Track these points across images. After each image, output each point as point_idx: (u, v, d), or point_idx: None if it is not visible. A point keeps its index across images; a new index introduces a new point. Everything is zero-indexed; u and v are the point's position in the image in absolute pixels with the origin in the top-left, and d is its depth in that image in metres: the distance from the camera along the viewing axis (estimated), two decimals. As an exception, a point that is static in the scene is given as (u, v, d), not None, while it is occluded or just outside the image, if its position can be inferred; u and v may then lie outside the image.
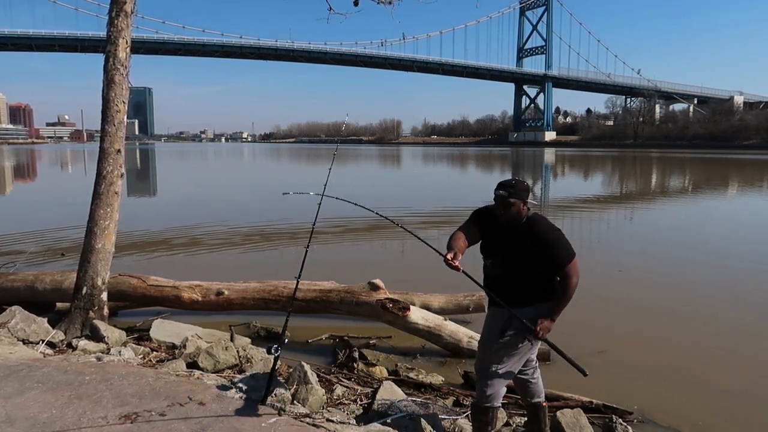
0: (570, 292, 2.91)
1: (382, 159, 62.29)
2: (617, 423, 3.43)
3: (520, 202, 2.95)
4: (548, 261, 2.88)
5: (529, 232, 2.92)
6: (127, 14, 5.10)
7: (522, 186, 3.00)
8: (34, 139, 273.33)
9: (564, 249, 2.90)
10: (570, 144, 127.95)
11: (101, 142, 5.18)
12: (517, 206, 2.95)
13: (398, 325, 5.11)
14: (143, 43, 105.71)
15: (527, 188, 3.02)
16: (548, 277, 2.95)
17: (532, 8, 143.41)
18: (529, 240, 2.90)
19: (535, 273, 2.93)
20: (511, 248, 2.94)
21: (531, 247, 2.89)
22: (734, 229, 12.95)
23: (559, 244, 2.90)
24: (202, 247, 10.26)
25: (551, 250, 2.87)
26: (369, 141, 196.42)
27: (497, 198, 2.97)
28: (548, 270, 2.92)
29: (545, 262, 2.89)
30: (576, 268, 2.90)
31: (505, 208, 2.95)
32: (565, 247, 2.90)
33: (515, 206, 2.94)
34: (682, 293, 7.19)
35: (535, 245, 2.88)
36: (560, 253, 2.88)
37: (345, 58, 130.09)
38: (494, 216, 3.03)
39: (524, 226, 2.95)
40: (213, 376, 3.87)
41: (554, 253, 2.88)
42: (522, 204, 2.96)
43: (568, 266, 2.88)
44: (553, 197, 21.63)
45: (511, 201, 2.93)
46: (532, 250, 2.88)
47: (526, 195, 2.99)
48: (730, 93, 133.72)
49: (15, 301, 5.35)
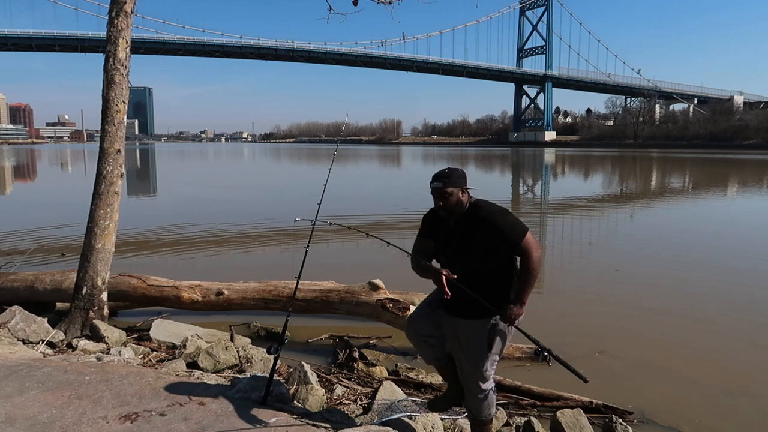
0: (534, 268, 2.73)
1: (381, 159, 62.28)
2: (617, 423, 3.43)
3: (458, 189, 2.80)
4: (501, 243, 2.71)
5: (474, 218, 2.79)
6: (127, 14, 5.10)
7: (457, 173, 2.83)
8: (34, 139, 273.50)
9: (514, 226, 2.74)
10: (570, 144, 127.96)
11: (101, 142, 5.18)
12: (455, 195, 2.80)
13: (398, 325, 5.11)
14: (143, 43, 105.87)
15: (463, 174, 2.85)
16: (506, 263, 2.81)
17: (532, 8, 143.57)
18: (476, 226, 2.76)
19: (491, 261, 2.77)
20: (460, 241, 2.80)
21: (480, 233, 2.74)
22: (733, 228, 12.95)
23: (507, 223, 2.74)
24: (203, 247, 10.26)
25: (501, 230, 2.71)
26: (369, 141, 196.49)
27: (433, 191, 2.83)
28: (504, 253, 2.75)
29: (498, 245, 2.72)
30: (533, 242, 2.73)
31: (443, 199, 2.80)
32: (514, 224, 2.75)
33: (453, 195, 2.80)
34: (682, 293, 7.19)
35: (483, 230, 2.73)
36: (511, 232, 2.71)
37: (345, 58, 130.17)
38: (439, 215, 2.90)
39: (468, 214, 2.82)
40: (213, 376, 3.88)
41: (504, 232, 2.71)
42: (460, 191, 2.82)
43: (524, 242, 2.70)
44: (553, 197, 21.63)
45: (448, 191, 2.78)
46: (482, 236, 2.73)
47: (463, 181, 2.83)
48: (730, 93, 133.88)
49: (15, 301, 5.35)
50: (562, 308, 6.44)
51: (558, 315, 6.17)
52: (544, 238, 12.16)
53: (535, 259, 2.72)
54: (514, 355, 4.86)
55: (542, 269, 8.97)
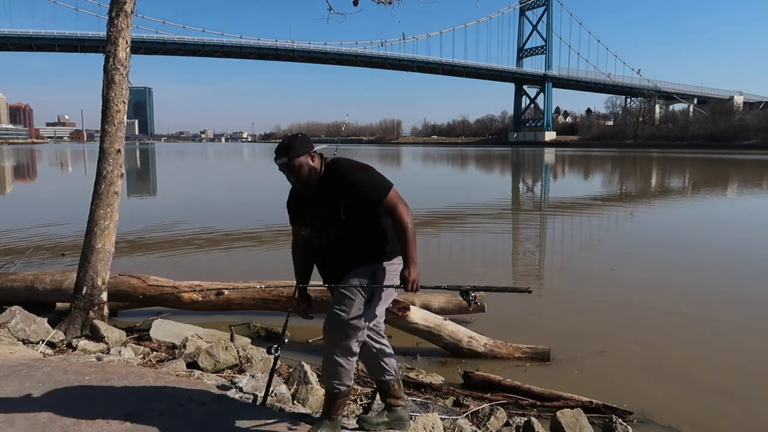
0: (406, 224, 2.56)
1: (381, 159, 62.30)
2: (617, 423, 3.43)
3: (306, 156, 2.58)
4: (364, 202, 2.55)
5: (333, 180, 2.58)
6: (127, 14, 5.10)
7: (298, 141, 2.59)
8: (34, 139, 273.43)
9: (377, 182, 2.57)
10: (570, 144, 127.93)
11: (101, 142, 5.18)
12: (305, 165, 2.57)
13: (398, 325, 5.11)
14: (143, 43, 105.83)
15: (305, 139, 2.62)
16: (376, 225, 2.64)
17: (532, 8, 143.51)
18: (337, 188, 2.57)
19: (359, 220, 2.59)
20: (323, 207, 2.61)
21: (342, 195, 2.56)
22: (733, 228, 12.95)
23: (369, 179, 2.57)
24: (202, 247, 10.26)
25: (363, 188, 2.53)
26: (369, 141, 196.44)
27: (280, 168, 2.59)
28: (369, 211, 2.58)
29: (362, 204, 2.55)
30: (398, 198, 2.57)
31: (294, 173, 2.58)
32: (377, 181, 2.58)
33: (303, 166, 2.57)
34: (683, 293, 7.19)
35: (344, 191, 2.55)
36: (374, 188, 2.55)
37: (345, 58, 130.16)
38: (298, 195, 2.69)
39: (326, 178, 2.61)
40: (213, 376, 3.88)
41: (366, 190, 2.53)
42: (309, 158, 2.59)
43: (388, 198, 2.54)
44: (553, 197, 21.63)
45: (296, 163, 2.55)
46: (344, 197, 2.55)
47: (308, 146, 2.60)
48: (730, 93, 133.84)
49: (15, 301, 5.35)
50: (562, 308, 6.44)
51: (558, 315, 6.18)
52: (544, 237, 12.17)
53: (405, 216, 2.56)
54: (514, 355, 4.86)
55: (541, 267, 8.96)
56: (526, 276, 8.59)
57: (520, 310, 6.25)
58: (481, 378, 4.24)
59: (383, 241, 2.67)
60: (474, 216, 15.01)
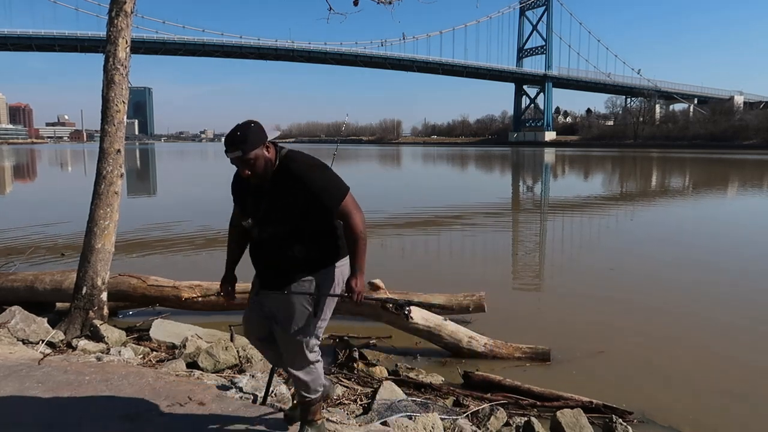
0: (359, 232, 2.43)
1: (381, 159, 62.28)
2: (617, 423, 3.43)
3: (262, 148, 2.35)
4: (317, 205, 2.40)
5: (287, 177, 2.41)
6: (127, 14, 5.10)
7: (252, 131, 2.34)
8: (34, 139, 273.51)
9: (333, 186, 2.42)
10: (570, 144, 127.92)
11: (101, 142, 5.18)
12: (260, 157, 2.35)
13: (398, 325, 5.11)
14: (143, 43, 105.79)
15: (259, 128, 2.36)
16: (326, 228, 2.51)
17: (532, 8, 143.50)
18: (290, 186, 2.40)
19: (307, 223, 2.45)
20: (271, 201, 2.42)
21: (293, 194, 2.39)
22: (732, 228, 12.95)
23: (325, 182, 2.41)
24: (202, 247, 10.26)
25: (316, 192, 2.38)
26: (369, 141, 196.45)
27: (233, 162, 2.36)
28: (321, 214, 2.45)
29: (314, 207, 2.41)
30: (354, 204, 2.45)
31: (249, 167, 2.35)
32: (333, 184, 2.43)
33: (259, 159, 2.35)
34: (682, 293, 7.19)
35: (296, 190, 2.38)
36: (329, 192, 2.40)
37: (345, 58, 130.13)
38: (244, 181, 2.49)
39: (280, 172, 2.42)
40: (213, 376, 3.88)
41: (322, 194, 2.38)
42: (264, 149, 2.37)
43: (343, 204, 2.41)
44: (554, 197, 21.63)
45: (251, 156, 2.32)
46: (296, 197, 2.39)
47: (263, 136, 2.36)
48: (730, 93, 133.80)
49: (15, 301, 5.34)
50: (561, 308, 6.44)
51: (558, 315, 6.18)
52: (544, 237, 12.16)
53: (360, 222, 2.44)
54: (514, 355, 4.86)
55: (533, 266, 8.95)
56: (527, 275, 8.59)
57: (520, 310, 6.25)
58: (481, 378, 4.24)
59: (332, 246, 2.55)
60: (474, 216, 15.00)
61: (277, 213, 2.43)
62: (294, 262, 2.47)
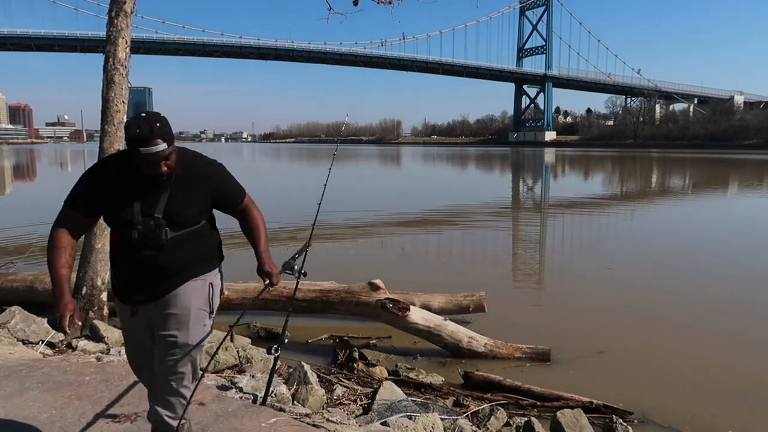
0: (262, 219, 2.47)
1: (381, 159, 62.30)
2: (617, 423, 3.43)
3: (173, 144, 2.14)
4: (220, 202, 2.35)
5: (190, 174, 2.23)
6: (126, 14, 5.10)
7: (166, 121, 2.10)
8: (34, 139, 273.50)
9: (236, 181, 2.41)
10: (570, 144, 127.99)
11: (101, 142, 5.17)
12: (175, 152, 2.15)
13: (398, 325, 5.11)
14: (143, 43, 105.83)
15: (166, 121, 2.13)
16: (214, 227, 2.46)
17: (532, 8, 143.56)
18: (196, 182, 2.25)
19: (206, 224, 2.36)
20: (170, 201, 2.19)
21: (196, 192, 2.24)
22: (732, 229, 12.95)
23: (229, 177, 2.38)
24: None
25: (226, 185, 2.35)
26: (369, 141, 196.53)
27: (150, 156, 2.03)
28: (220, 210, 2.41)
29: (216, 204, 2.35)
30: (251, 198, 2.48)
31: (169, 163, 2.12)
32: (235, 180, 2.42)
33: (174, 152, 2.14)
34: (682, 293, 7.18)
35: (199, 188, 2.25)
36: (234, 189, 2.39)
37: (345, 58, 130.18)
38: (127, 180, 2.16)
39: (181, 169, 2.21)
40: (213, 376, 3.88)
41: (230, 187, 2.37)
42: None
43: (246, 198, 2.44)
44: (554, 196, 21.63)
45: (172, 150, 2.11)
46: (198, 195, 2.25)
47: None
48: (730, 93, 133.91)
49: (15, 301, 5.35)
50: (561, 308, 6.44)
51: (558, 315, 6.18)
52: (544, 237, 12.16)
53: (258, 211, 2.48)
54: (514, 355, 4.86)
55: (541, 266, 8.93)
56: (527, 275, 8.59)
57: (520, 311, 6.25)
58: (481, 378, 4.25)
59: (218, 245, 2.49)
60: (474, 215, 15.01)
61: (182, 212, 2.22)
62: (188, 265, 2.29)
